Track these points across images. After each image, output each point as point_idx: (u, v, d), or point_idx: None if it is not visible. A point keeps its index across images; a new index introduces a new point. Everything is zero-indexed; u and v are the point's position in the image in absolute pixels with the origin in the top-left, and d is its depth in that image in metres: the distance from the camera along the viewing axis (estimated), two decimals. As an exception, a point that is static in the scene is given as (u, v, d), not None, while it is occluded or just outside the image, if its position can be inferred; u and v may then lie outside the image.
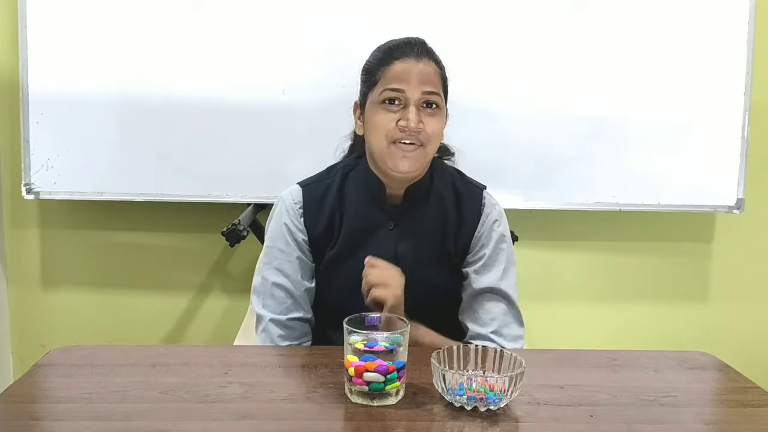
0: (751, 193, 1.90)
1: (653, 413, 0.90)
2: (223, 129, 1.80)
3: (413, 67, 1.16)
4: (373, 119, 1.18)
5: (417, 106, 1.15)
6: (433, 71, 1.18)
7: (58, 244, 1.98)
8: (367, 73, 1.22)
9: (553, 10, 1.81)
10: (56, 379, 0.97)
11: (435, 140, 1.19)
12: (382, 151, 1.17)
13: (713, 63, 1.84)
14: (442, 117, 1.20)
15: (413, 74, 1.16)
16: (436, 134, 1.18)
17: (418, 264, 1.22)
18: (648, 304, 2.08)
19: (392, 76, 1.16)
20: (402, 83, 1.15)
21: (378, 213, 1.23)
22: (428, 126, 1.16)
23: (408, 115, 1.14)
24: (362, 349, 0.89)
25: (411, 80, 1.15)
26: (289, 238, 1.23)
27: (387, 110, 1.16)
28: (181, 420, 0.85)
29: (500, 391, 0.88)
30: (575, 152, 1.86)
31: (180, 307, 2.02)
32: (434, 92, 1.17)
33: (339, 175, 1.26)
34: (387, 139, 1.16)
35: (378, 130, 1.17)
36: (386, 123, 1.16)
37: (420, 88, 1.15)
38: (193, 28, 1.78)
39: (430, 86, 1.16)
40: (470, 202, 1.27)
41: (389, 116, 1.16)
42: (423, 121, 1.15)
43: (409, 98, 1.15)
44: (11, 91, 1.86)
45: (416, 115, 1.15)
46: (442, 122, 1.20)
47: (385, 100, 1.16)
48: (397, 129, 1.15)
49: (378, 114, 1.17)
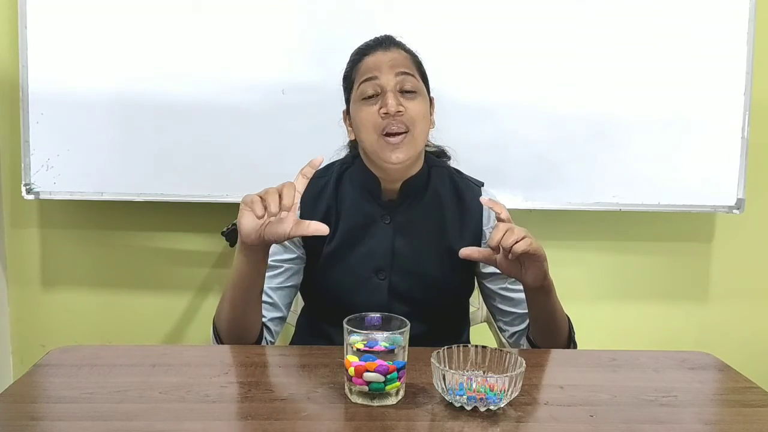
0: (751, 193, 1.90)
1: (653, 413, 0.90)
2: (223, 129, 1.80)
3: (382, 56, 1.20)
4: (357, 117, 1.20)
5: (394, 92, 1.17)
6: (403, 57, 1.21)
7: (58, 244, 1.98)
8: (345, 80, 1.26)
9: (554, 10, 1.81)
10: (56, 379, 0.97)
11: (420, 123, 1.18)
12: (372, 145, 1.18)
13: (713, 63, 1.84)
14: (423, 100, 1.21)
15: (384, 62, 1.19)
16: (419, 116, 1.18)
17: (417, 259, 1.23)
18: (648, 304, 2.08)
19: (365, 69, 1.20)
20: (373, 72, 1.18)
21: (374, 208, 1.24)
22: (410, 109, 1.17)
23: (386, 101, 1.15)
24: (362, 349, 0.89)
25: (382, 68, 1.18)
26: None
27: (367, 104, 1.18)
28: (181, 420, 0.85)
29: (500, 391, 0.88)
30: (575, 152, 1.86)
31: (180, 307, 2.02)
32: (407, 72, 1.19)
33: (335, 172, 1.28)
34: (375, 132, 1.17)
35: (364, 124, 1.18)
36: (369, 116, 1.17)
37: (392, 72, 1.17)
38: (193, 28, 1.77)
39: (402, 67, 1.18)
40: (470, 198, 1.27)
41: (371, 109, 1.17)
42: (403, 105, 1.16)
43: (384, 85, 1.17)
44: (11, 91, 1.86)
45: (394, 98, 1.16)
46: (424, 105, 1.20)
47: (364, 95, 1.18)
48: (380, 119, 1.16)
49: (360, 110, 1.19)
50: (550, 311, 1.16)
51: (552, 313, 1.16)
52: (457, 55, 1.79)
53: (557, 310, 1.17)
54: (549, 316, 1.17)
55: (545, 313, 1.17)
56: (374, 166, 1.22)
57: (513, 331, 1.28)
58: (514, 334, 1.28)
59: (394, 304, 1.20)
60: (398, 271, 1.22)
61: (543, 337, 1.20)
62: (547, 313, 1.17)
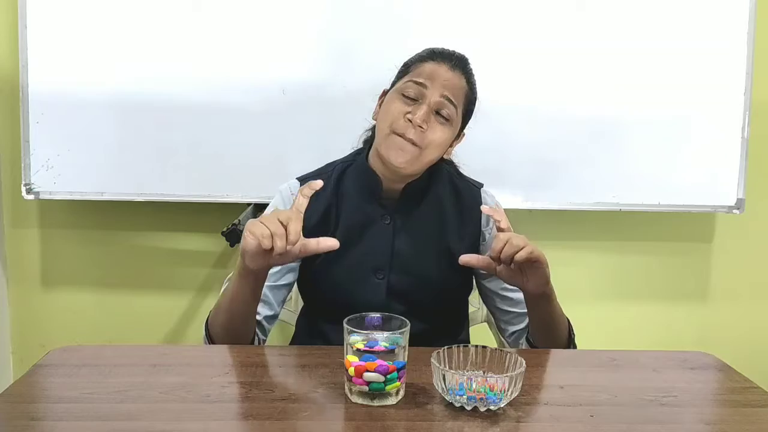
0: (751, 193, 1.90)
1: (653, 413, 0.90)
2: (223, 129, 1.80)
3: (444, 72, 1.17)
4: (387, 105, 1.19)
5: (430, 107, 1.16)
6: (460, 84, 1.19)
7: (58, 244, 1.98)
8: (404, 65, 1.24)
9: (554, 10, 1.81)
10: (56, 379, 0.97)
11: (434, 149, 1.17)
12: (382, 138, 1.18)
13: (713, 63, 1.84)
14: (451, 131, 1.19)
15: (440, 77, 1.17)
16: (437, 143, 1.17)
17: (416, 259, 1.22)
18: (648, 304, 2.08)
19: (421, 71, 1.18)
20: (426, 80, 1.16)
21: (375, 208, 1.23)
22: (432, 131, 1.16)
23: (417, 111, 1.14)
24: (362, 349, 0.89)
25: (436, 82, 1.16)
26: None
27: (403, 101, 1.17)
28: (181, 420, 0.85)
29: (500, 391, 0.88)
30: (575, 152, 1.86)
31: (180, 307, 2.02)
32: (452, 101, 1.17)
33: (336, 170, 1.27)
34: (390, 127, 1.16)
35: (387, 115, 1.17)
36: (396, 112, 1.16)
37: (440, 91, 1.16)
38: (193, 28, 1.77)
39: (451, 94, 1.17)
40: (469, 200, 1.27)
41: (402, 107, 1.16)
42: (430, 125, 1.15)
43: (427, 96, 1.16)
44: (11, 91, 1.86)
45: (425, 114, 1.15)
46: (448, 135, 1.19)
47: (405, 91, 1.17)
48: (402, 120, 1.15)
49: (393, 102, 1.18)
50: (550, 315, 1.16)
51: (552, 317, 1.17)
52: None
53: (557, 314, 1.17)
54: (549, 321, 1.17)
55: (545, 318, 1.17)
56: (378, 163, 1.22)
57: (512, 330, 1.28)
58: (514, 333, 1.28)
59: (393, 303, 1.20)
60: (397, 271, 1.22)
61: (542, 339, 1.20)
62: (547, 318, 1.17)
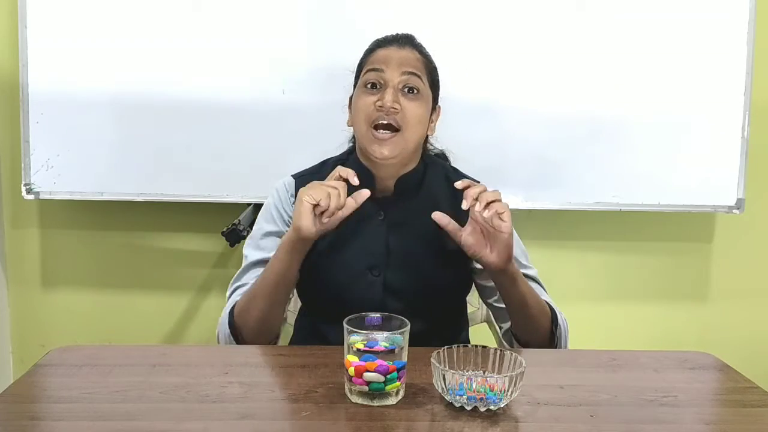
0: (751, 193, 1.90)
1: (653, 413, 0.90)
2: (223, 129, 1.80)
3: (395, 53, 1.20)
4: (355, 104, 1.21)
5: (396, 89, 1.17)
6: (415, 57, 1.21)
7: (58, 244, 1.98)
8: (357, 66, 1.27)
9: (554, 10, 1.81)
10: (56, 379, 0.97)
11: (414, 126, 1.18)
12: (363, 136, 1.19)
13: (713, 63, 1.84)
14: (424, 104, 1.20)
15: (394, 58, 1.19)
16: (414, 118, 1.18)
17: (411, 255, 1.22)
18: (648, 304, 2.08)
19: (374, 60, 1.21)
20: (382, 65, 1.18)
21: (367, 203, 1.23)
22: (407, 110, 1.17)
23: (385, 95, 1.16)
24: (362, 349, 0.89)
25: (391, 63, 1.18)
26: (277, 220, 1.26)
27: (368, 93, 1.19)
28: (181, 420, 0.85)
29: (500, 391, 0.88)
30: (575, 152, 1.86)
31: (180, 307, 2.02)
32: (414, 73, 1.18)
33: (330, 168, 1.27)
34: (367, 122, 1.17)
35: (359, 112, 1.19)
36: (366, 106, 1.18)
37: (399, 70, 1.18)
38: (192, 28, 1.77)
39: (409, 67, 1.18)
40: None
41: (369, 99, 1.18)
42: (402, 104, 1.17)
43: (388, 80, 1.17)
44: (11, 91, 1.86)
45: (393, 95, 1.16)
46: (423, 109, 1.20)
47: (367, 83, 1.19)
48: (374, 109, 1.16)
49: (360, 98, 1.20)
50: (521, 300, 1.16)
51: (524, 301, 1.16)
52: (457, 54, 1.79)
53: (530, 299, 1.17)
54: (521, 306, 1.17)
55: (516, 302, 1.17)
56: (367, 160, 1.22)
57: (506, 327, 1.28)
58: (507, 331, 1.28)
59: (389, 300, 1.19)
60: (392, 268, 1.22)
61: (520, 329, 1.21)
62: (517, 302, 1.17)
